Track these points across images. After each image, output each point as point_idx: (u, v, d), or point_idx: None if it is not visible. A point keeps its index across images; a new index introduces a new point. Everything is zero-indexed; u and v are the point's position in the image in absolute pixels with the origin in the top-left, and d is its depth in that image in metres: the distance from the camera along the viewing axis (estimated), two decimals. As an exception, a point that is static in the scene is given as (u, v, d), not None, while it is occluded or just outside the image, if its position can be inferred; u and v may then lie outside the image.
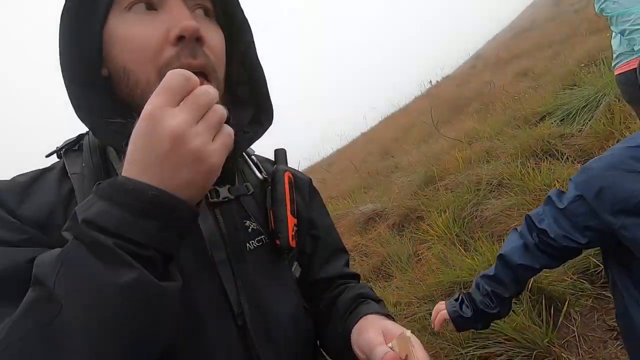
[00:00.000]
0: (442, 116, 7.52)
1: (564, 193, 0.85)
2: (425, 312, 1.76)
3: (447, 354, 1.55)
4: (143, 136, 0.37)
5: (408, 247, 2.54)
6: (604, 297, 1.73)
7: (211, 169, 0.39)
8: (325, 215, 0.74)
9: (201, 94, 0.38)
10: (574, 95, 3.68)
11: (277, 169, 0.66)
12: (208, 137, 0.38)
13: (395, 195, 3.52)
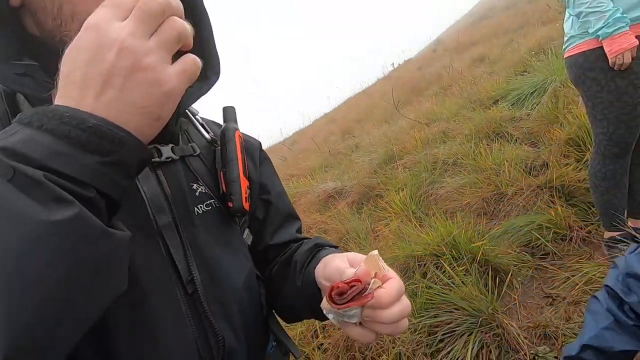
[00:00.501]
0: (403, 98, 7.65)
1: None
2: (381, 286, 1.81)
3: (401, 324, 1.60)
4: (84, 50, 0.30)
5: (367, 223, 2.58)
6: (543, 267, 1.87)
7: (168, 95, 0.31)
8: (276, 180, 0.71)
9: (153, 2, 0.31)
10: (524, 81, 3.87)
11: (226, 127, 0.60)
12: (164, 54, 0.31)
13: (355, 173, 3.56)
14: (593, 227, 1.93)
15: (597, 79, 1.46)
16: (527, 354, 1.48)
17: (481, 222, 2.25)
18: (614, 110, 1.46)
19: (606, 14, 1.34)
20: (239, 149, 0.58)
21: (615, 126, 1.49)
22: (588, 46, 1.45)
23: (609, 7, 1.35)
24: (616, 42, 1.33)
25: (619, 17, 1.33)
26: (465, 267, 1.79)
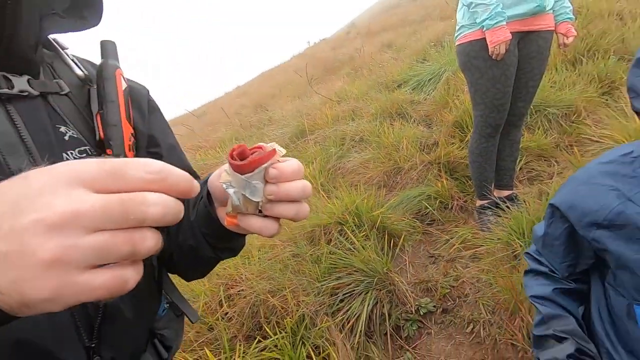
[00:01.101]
0: (317, 75, 7.73)
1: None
2: (288, 254, 1.85)
3: (306, 288, 1.67)
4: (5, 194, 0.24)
5: (276, 195, 2.59)
6: (429, 232, 2.14)
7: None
8: (168, 132, 0.63)
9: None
10: (423, 69, 4.24)
11: (105, 63, 0.51)
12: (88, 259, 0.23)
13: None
14: (469, 197, 2.26)
15: (479, 67, 1.67)
16: (412, 306, 1.69)
17: (381, 193, 2.45)
18: (489, 95, 1.70)
19: (490, 7, 1.53)
20: (120, 90, 0.50)
21: (490, 110, 1.74)
22: (475, 36, 1.64)
23: (493, 1, 1.54)
24: (496, 34, 1.53)
25: (499, 12, 1.52)
26: (365, 233, 1.94)
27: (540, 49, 1.65)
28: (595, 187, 0.66)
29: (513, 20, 1.58)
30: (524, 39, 1.65)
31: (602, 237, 0.64)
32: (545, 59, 1.71)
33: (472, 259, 1.84)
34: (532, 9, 1.55)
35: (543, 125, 2.53)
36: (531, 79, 1.71)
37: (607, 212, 0.63)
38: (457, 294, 1.73)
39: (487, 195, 1.98)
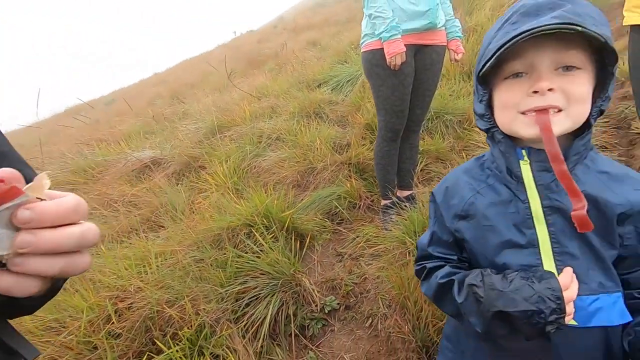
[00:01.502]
0: (240, 68, 7.50)
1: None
2: (190, 259, 1.75)
3: (208, 295, 1.60)
4: None
5: (184, 196, 2.43)
6: (338, 231, 2.21)
7: None
8: None
9: None
10: (343, 70, 4.37)
11: None
12: None
13: (179, 142, 3.28)
14: (376, 196, 2.39)
15: (380, 75, 1.77)
16: (318, 305, 1.73)
17: (294, 193, 2.46)
18: (390, 102, 1.81)
19: (387, 20, 1.62)
20: None
21: (390, 115, 1.85)
22: (376, 45, 1.73)
23: (390, 15, 1.63)
24: (391, 46, 1.63)
25: (394, 26, 1.62)
26: (274, 234, 1.93)
27: (433, 62, 1.80)
28: (457, 183, 0.73)
29: (408, 34, 1.69)
30: (419, 52, 1.78)
31: (461, 228, 0.70)
32: (439, 70, 1.88)
33: (375, 256, 1.95)
34: (424, 25, 1.68)
35: (441, 130, 2.79)
36: (427, 88, 1.86)
37: (463, 204, 0.70)
38: (360, 290, 1.82)
39: (390, 195, 2.11)
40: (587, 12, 0.55)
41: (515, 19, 0.56)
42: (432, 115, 2.85)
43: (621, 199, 0.58)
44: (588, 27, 0.51)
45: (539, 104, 0.56)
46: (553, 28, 0.50)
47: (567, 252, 0.60)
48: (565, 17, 0.52)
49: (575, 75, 0.57)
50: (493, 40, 0.59)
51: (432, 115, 2.85)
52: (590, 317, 0.59)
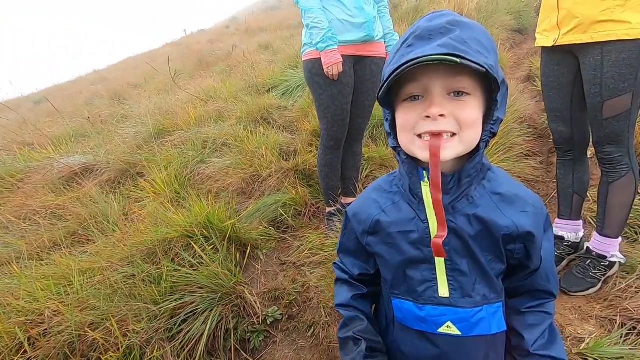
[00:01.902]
0: (189, 69, 7.22)
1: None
2: (121, 276, 1.63)
3: (139, 314, 1.50)
4: None
5: (118, 206, 2.27)
6: (284, 239, 2.19)
7: None
8: None
9: None
10: (293, 75, 4.36)
11: None
12: None
13: (115, 147, 3.06)
14: (322, 203, 2.40)
15: (320, 84, 1.78)
16: (260, 316, 1.69)
17: (239, 201, 2.40)
18: (330, 111, 1.83)
19: (323, 31, 1.64)
20: None
21: (331, 124, 1.87)
22: (316, 54, 1.74)
23: (326, 26, 1.65)
24: (327, 56, 1.65)
25: (330, 37, 1.65)
26: (215, 246, 1.86)
27: (373, 73, 1.86)
28: (367, 200, 0.77)
29: (346, 45, 1.73)
30: (359, 63, 1.82)
31: (370, 242, 0.75)
32: (378, 81, 1.93)
33: (318, 264, 1.95)
34: (361, 37, 1.73)
35: (384, 138, 2.88)
36: (367, 99, 1.90)
37: (370, 221, 0.74)
38: (303, 299, 1.81)
39: (333, 203, 2.13)
40: (475, 37, 0.57)
41: (411, 42, 0.58)
42: (376, 123, 2.93)
43: (507, 222, 0.63)
44: (471, 56, 0.53)
45: (432, 129, 0.59)
46: (435, 59, 0.52)
47: (458, 269, 0.66)
48: (450, 45, 0.53)
49: (466, 101, 0.59)
50: (390, 64, 0.61)
51: (377, 123, 2.94)
52: (473, 327, 0.66)
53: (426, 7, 5.83)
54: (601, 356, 1.27)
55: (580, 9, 1.35)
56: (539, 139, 2.86)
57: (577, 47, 1.43)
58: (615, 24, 1.30)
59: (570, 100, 1.57)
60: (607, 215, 1.56)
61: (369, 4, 1.78)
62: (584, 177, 1.69)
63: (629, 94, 1.36)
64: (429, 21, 0.58)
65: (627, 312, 1.46)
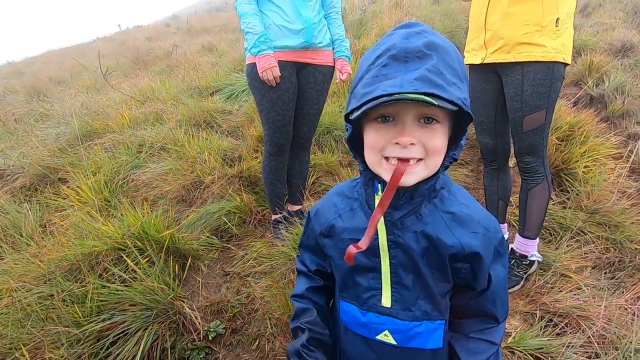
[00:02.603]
0: (123, 67, 6.72)
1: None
2: (35, 297, 1.43)
3: (57, 338, 1.32)
4: None
5: (34, 216, 2.00)
6: (227, 249, 2.09)
7: None
8: None
9: None
10: (238, 79, 4.26)
11: None
12: None
13: (32, 150, 2.71)
14: (267, 211, 2.35)
15: (259, 89, 1.75)
16: (201, 332, 1.59)
17: (178, 209, 2.26)
18: (271, 116, 1.80)
19: (256, 36, 1.62)
20: None
21: (273, 130, 1.84)
22: (254, 59, 1.70)
23: (260, 30, 1.63)
24: (261, 61, 1.64)
25: (263, 41, 1.63)
26: (150, 258, 1.72)
27: (317, 81, 1.86)
28: (327, 203, 0.79)
29: (284, 51, 1.71)
30: (302, 70, 1.82)
31: (325, 244, 0.77)
32: (324, 90, 1.94)
33: (264, 273, 1.90)
34: (300, 43, 1.71)
35: (331, 145, 2.92)
36: (311, 107, 1.90)
37: (326, 225, 0.76)
38: (248, 311, 1.74)
39: (279, 210, 2.09)
40: (450, 63, 0.57)
41: (386, 62, 0.57)
42: (322, 131, 2.97)
43: (455, 242, 0.64)
44: (447, 92, 0.54)
45: (401, 155, 0.59)
46: (413, 99, 0.52)
47: (402, 282, 0.68)
48: (427, 80, 0.53)
49: (435, 129, 0.60)
50: (363, 79, 0.60)
51: (323, 130, 2.97)
52: (409, 339, 0.68)
53: (369, 19, 6.08)
54: (525, 348, 1.39)
55: (505, 31, 1.50)
56: (471, 149, 3.11)
57: (501, 66, 1.57)
58: (533, 47, 1.46)
59: (494, 115, 1.72)
60: (527, 218, 1.73)
61: (312, 9, 1.76)
62: (507, 185, 1.86)
63: (544, 110, 1.53)
64: (406, 39, 0.58)
65: (544, 306, 1.63)
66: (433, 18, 6.52)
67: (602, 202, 2.17)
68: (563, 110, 2.94)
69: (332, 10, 1.91)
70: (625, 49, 4.99)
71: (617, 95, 3.76)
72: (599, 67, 4.28)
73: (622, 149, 2.68)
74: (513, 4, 1.46)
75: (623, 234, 1.98)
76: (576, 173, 2.36)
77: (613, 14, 6.60)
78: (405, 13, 6.11)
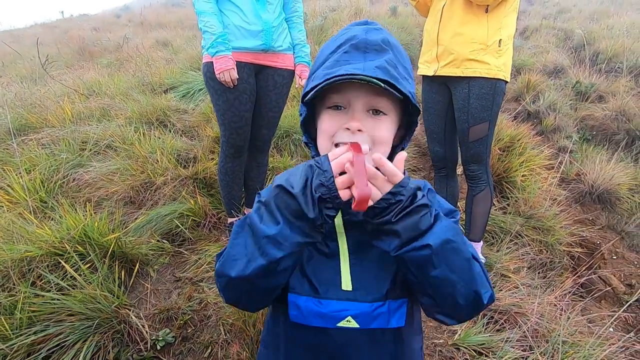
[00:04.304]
0: (66, 57, 6.22)
1: None
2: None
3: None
4: None
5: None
6: (179, 253, 2.00)
7: None
8: None
9: None
10: (195, 77, 4.12)
11: None
12: None
13: (-48, 143, 2.41)
14: (223, 214, 2.29)
15: (216, 89, 1.72)
16: (148, 342, 1.51)
17: (126, 211, 2.13)
18: (227, 117, 1.77)
19: (214, 36, 1.59)
20: None
21: (229, 131, 1.81)
22: (210, 59, 1.67)
23: (218, 30, 1.60)
24: (218, 62, 1.61)
25: (221, 42, 1.60)
26: (93, 264, 1.60)
27: (277, 84, 1.85)
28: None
29: (243, 52, 1.69)
30: (261, 72, 1.80)
31: None
32: (284, 94, 1.93)
33: (218, 278, 1.84)
34: (258, 45, 1.70)
35: (290, 148, 2.92)
36: (270, 110, 1.89)
37: None
38: (200, 317, 1.68)
39: (235, 213, 2.05)
40: (402, 62, 0.64)
41: (347, 49, 0.62)
42: (281, 134, 2.96)
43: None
44: (400, 83, 0.59)
45: (350, 140, 0.62)
46: (372, 81, 0.57)
47: (361, 264, 0.67)
48: (386, 70, 0.59)
49: (382, 120, 0.65)
50: (325, 63, 0.64)
51: (282, 133, 2.96)
52: (372, 320, 0.67)
53: (330, 26, 6.19)
54: (469, 344, 1.48)
55: (455, 47, 1.60)
56: (422, 156, 3.27)
57: (450, 79, 1.68)
58: (479, 63, 1.57)
59: (444, 124, 1.83)
60: (472, 223, 1.85)
61: (272, 12, 1.75)
62: (455, 191, 1.98)
63: (487, 122, 1.66)
64: (366, 33, 0.63)
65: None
66: (390, 30, 6.80)
67: (536, 208, 2.39)
68: (504, 124, 3.20)
69: (294, 15, 1.91)
70: (557, 71, 5.56)
71: (550, 111, 4.17)
72: (536, 85, 4.72)
73: (553, 161, 2.97)
74: (462, 25, 1.57)
75: (554, 237, 2.19)
76: (515, 181, 2.58)
77: (547, 39, 7.32)
78: (364, 23, 6.30)
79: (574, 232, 2.32)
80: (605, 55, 5.97)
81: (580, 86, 4.79)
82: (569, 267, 2.12)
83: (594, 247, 2.36)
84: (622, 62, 5.46)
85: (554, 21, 9.35)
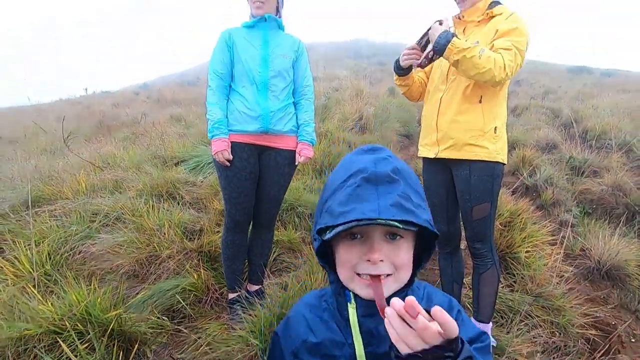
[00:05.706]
0: (85, 131, 6.64)
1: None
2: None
3: None
4: None
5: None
6: (178, 332, 1.94)
7: None
8: None
9: None
10: (206, 151, 4.35)
11: None
12: None
13: (-32, 214, 2.49)
14: (225, 289, 2.25)
15: (217, 166, 1.90)
16: None
17: (129, 285, 2.11)
18: (227, 192, 1.90)
19: (211, 122, 1.83)
20: None
21: (230, 205, 1.91)
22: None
23: (216, 118, 1.82)
24: (215, 144, 1.81)
25: (217, 127, 1.82)
26: (91, 343, 1.55)
27: (278, 165, 1.97)
28: (297, 318, 0.78)
29: (244, 134, 1.87)
30: (264, 153, 1.94)
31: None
32: (286, 173, 2.02)
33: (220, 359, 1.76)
34: (257, 128, 1.86)
35: (294, 221, 2.97)
36: (272, 188, 1.99)
37: (298, 341, 0.74)
38: (195, 406, 1.57)
39: (238, 288, 2.03)
40: (414, 187, 0.66)
41: (359, 182, 0.64)
42: (286, 207, 3.03)
43: None
44: (416, 216, 0.62)
45: (372, 272, 0.65)
46: (387, 224, 0.60)
47: None
48: (401, 207, 0.61)
49: (400, 244, 0.66)
50: (336, 195, 0.66)
51: (287, 206, 3.04)
52: None
53: (333, 105, 6.68)
54: None
55: (453, 133, 1.74)
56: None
57: (451, 161, 1.79)
58: (479, 148, 1.69)
59: (446, 203, 1.90)
60: (480, 303, 1.81)
61: (275, 99, 1.90)
62: (460, 269, 1.98)
63: (489, 203, 1.72)
64: (375, 165, 0.66)
65: (502, 394, 1.64)
66: (389, 108, 7.31)
67: (544, 286, 2.34)
68: (504, 199, 3.28)
69: (303, 98, 2.05)
70: (550, 147, 5.83)
71: (548, 185, 4.29)
72: (531, 160, 4.92)
73: (555, 235, 2.98)
74: (459, 114, 1.73)
75: (564, 318, 2.11)
76: (519, 257, 2.57)
77: (538, 117, 7.81)
78: (364, 102, 6.81)
79: (586, 312, 2.24)
80: (594, 132, 6.31)
81: (574, 161, 4.99)
82: (585, 351, 2.01)
83: (609, 329, 2.25)
84: (611, 139, 5.76)
85: (542, 101, 10.06)
